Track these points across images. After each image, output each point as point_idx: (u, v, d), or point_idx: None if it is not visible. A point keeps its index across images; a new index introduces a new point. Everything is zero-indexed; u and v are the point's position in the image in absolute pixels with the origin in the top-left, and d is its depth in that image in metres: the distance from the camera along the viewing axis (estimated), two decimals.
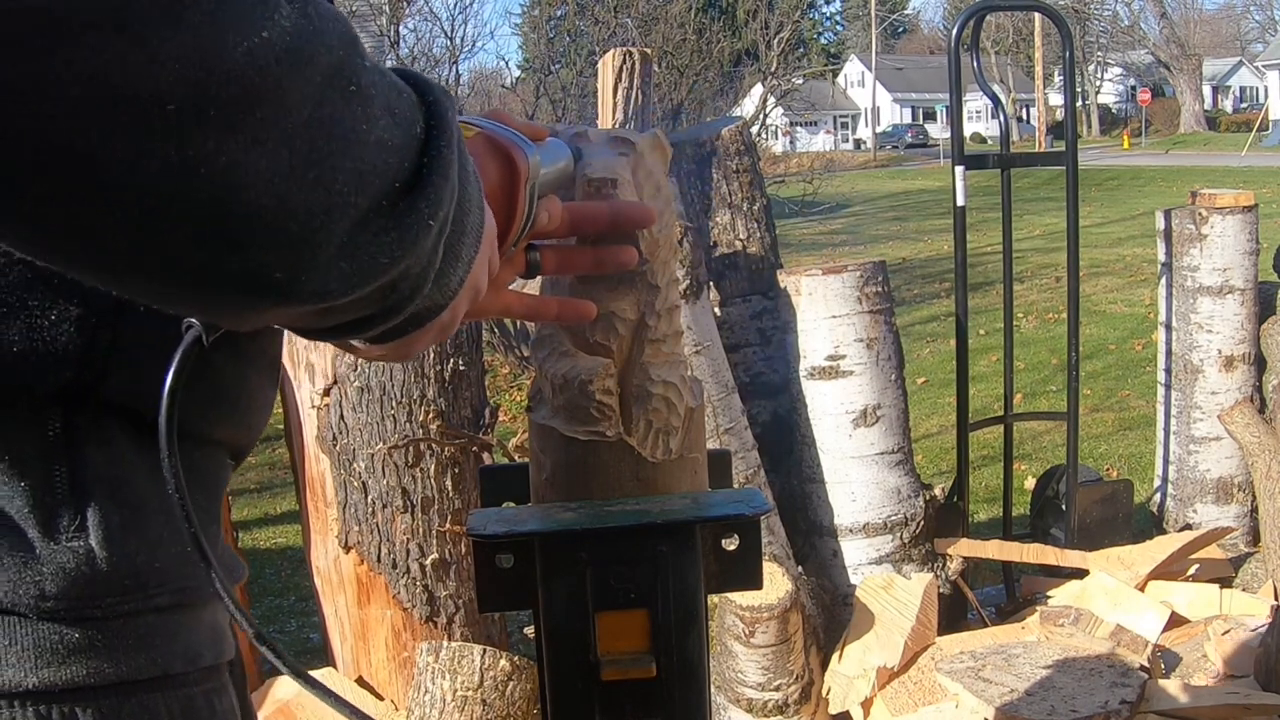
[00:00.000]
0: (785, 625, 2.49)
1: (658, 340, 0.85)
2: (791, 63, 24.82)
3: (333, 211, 0.48)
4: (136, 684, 0.64)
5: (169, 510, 0.66)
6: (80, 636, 0.62)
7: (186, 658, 0.67)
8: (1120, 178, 22.78)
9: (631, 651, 0.77)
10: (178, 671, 0.66)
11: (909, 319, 9.07)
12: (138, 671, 0.64)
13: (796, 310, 3.24)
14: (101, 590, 0.62)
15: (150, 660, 0.65)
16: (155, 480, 0.65)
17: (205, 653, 0.69)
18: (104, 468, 0.63)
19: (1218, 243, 3.62)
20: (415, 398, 2.68)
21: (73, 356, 0.61)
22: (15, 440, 0.61)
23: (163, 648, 0.66)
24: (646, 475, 0.83)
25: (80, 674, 0.62)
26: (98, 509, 0.62)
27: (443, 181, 0.53)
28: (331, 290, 0.51)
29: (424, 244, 0.53)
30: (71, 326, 0.61)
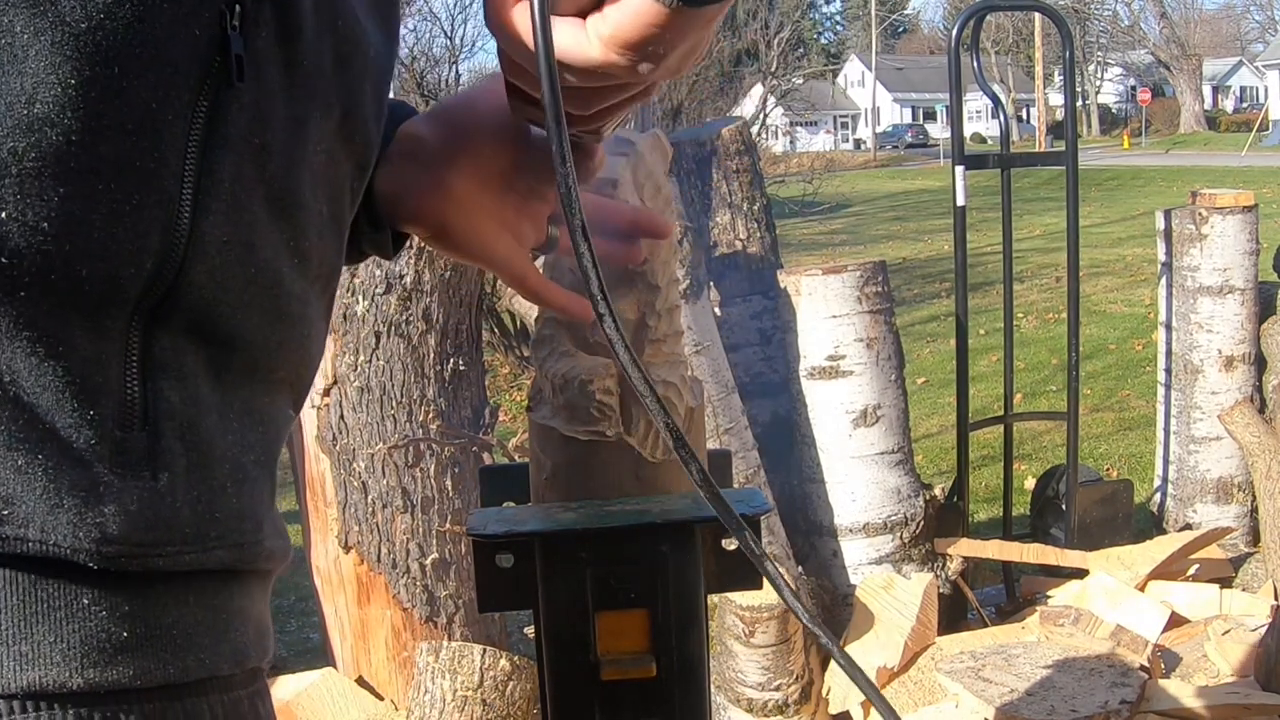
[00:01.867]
0: (785, 625, 2.49)
1: (658, 340, 0.85)
2: (791, 63, 24.83)
3: None
4: (184, 686, 0.61)
5: (234, 459, 0.63)
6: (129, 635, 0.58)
7: (234, 659, 0.64)
8: (1120, 178, 22.79)
9: (631, 651, 0.77)
10: (225, 674, 0.64)
11: (909, 319, 9.07)
12: (185, 673, 0.61)
13: (796, 310, 3.24)
14: (164, 536, 0.59)
15: (198, 661, 0.62)
16: (225, 424, 0.63)
17: (252, 653, 0.66)
18: (179, 404, 0.60)
19: (1218, 243, 3.62)
20: (415, 398, 2.68)
21: (152, 246, 0.57)
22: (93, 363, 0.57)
23: (211, 648, 0.63)
24: (646, 475, 0.83)
25: (128, 674, 0.58)
26: (167, 449, 0.59)
27: None
28: None
29: None
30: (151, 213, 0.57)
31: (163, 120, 0.57)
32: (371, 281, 2.69)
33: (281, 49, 0.62)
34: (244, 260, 0.61)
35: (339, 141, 0.69)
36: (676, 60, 0.60)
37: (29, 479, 0.55)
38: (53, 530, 0.55)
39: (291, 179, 0.64)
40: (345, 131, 0.70)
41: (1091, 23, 43.07)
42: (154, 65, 0.56)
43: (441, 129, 0.82)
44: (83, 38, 0.53)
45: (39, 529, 0.55)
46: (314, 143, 0.66)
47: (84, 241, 0.55)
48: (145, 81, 0.55)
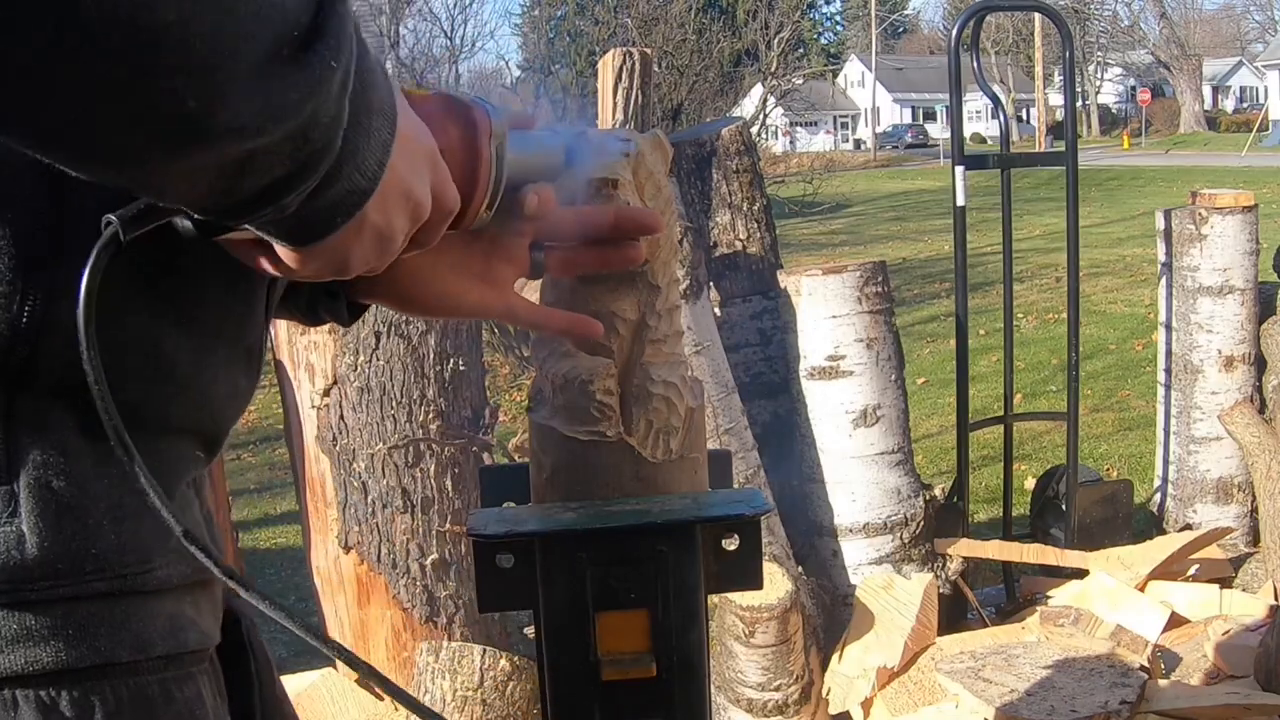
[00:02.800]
0: (785, 625, 2.49)
1: (658, 340, 0.85)
2: (791, 63, 24.84)
3: (238, 39, 0.50)
4: (78, 672, 0.65)
5: (113, 499, 0.67)
6: (18, 626, 0.63)
7: (135, 646, 0.67)
8: (1120, 178, 22.79)
9: (631, 651, 0.77)
10: (125, 660, 0.67)
11: (909, 319, 9.07)
12: (79, 660, 0.65)
13: (796, 310, 3.24)
14: (34, 574, 0.64)
15: (92, 649, 0.66)
16: (101, 469, 0.66)
17: (159, 642, 0.69)
18: (41, 454, 0.64)
19: (1218, 243, 3.62)
20: (415, 398, 2.68)
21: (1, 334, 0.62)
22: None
23: (106, 636, 0.66)
24: (647, 475, 0.83)
25: (19, 663, 0.63)
26: (31, 495, 0.64)
27: (341, 31, 0.54)
28: (246, 125, 0.51)
29: (329, 86, 0.54)
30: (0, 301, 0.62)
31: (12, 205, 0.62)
32: None
33: None
34: (113, 335, 0.64)
35: None
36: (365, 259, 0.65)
37: None
38: None
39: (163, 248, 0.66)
40: None
41: (1091, 23, 43.07)
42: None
43: None
44: None
45: None
46: None
47: None
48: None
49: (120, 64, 0.47)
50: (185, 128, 0.50)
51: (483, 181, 0.71)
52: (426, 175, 0.65)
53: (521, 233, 0.79)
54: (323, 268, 0.64)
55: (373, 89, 0.58)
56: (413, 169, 0.64)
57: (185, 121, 0.50)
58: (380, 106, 0.59)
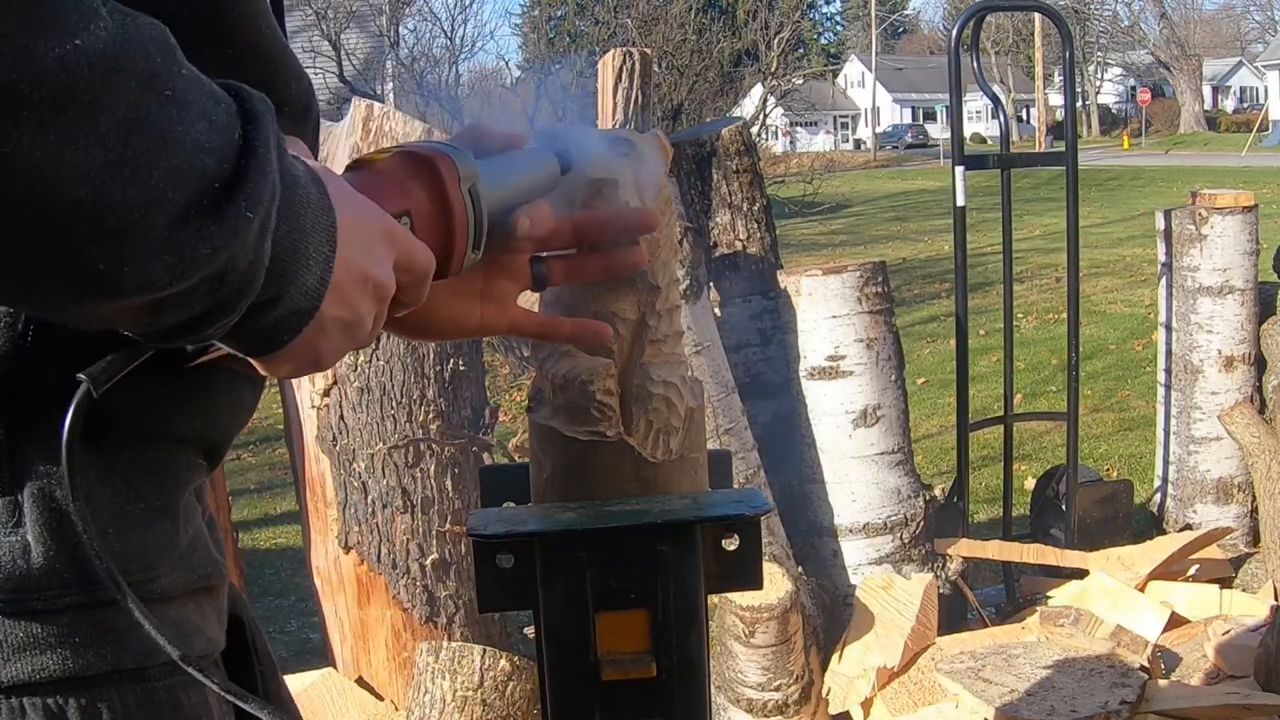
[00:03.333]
0: (785, 625, 2.49)
1: (658, 340, 0.85)
2: (791, 63, 24.84)
3: (150, 206, 0.51)
4: (86, 679, 0.65)
5: (116, 508, 0.67)
6: (24, 635, 0.63)
7: (141, 653, 0.67)
8: (1120, 178, 22.78)
9: (631, 651, 0.77)
10: (131, 667, 0.67)
11: (909, 319, 9.06)
12: (86, 667, 0.65)
13: (796, 310, 3.24)
14: (39, 584, 0.64)
15: (99, 656, 0.66)
16: (105, 478, 0.67)
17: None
18: (45, 465, 0.65)
19: (1218, 243, 3.62)
20: (415, 398, 2.68)
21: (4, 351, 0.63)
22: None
23: (113, 644, 0.66)
24: (647, 475, 0.83)
25: (25, 670, 0.63)
26: (35, 505, 0.64)
27: (260, 179, 0.55)
28: (155, 281, 0.53)
29: (245, 236, 0.55)
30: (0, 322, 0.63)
31: None
32: None
33: None
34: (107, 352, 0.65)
35: None
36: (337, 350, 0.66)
37: None
38: None
39: None
40: None
41: (1091, 23, 43.06)
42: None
43: None
44: None
45: None
46: None
47: None
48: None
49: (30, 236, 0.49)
50: (96, 285, 0.52)
51: (459, 230, 0.70)
52: (383, 253, 0.65)
53: (520, 249, 0.78)
54: (296, 368, 0.65)
55: (304, 214, 0.59)
56: (367, 254, 0.64)
57: (96, 280, 0.52)
58: (314, 226, 0.60)
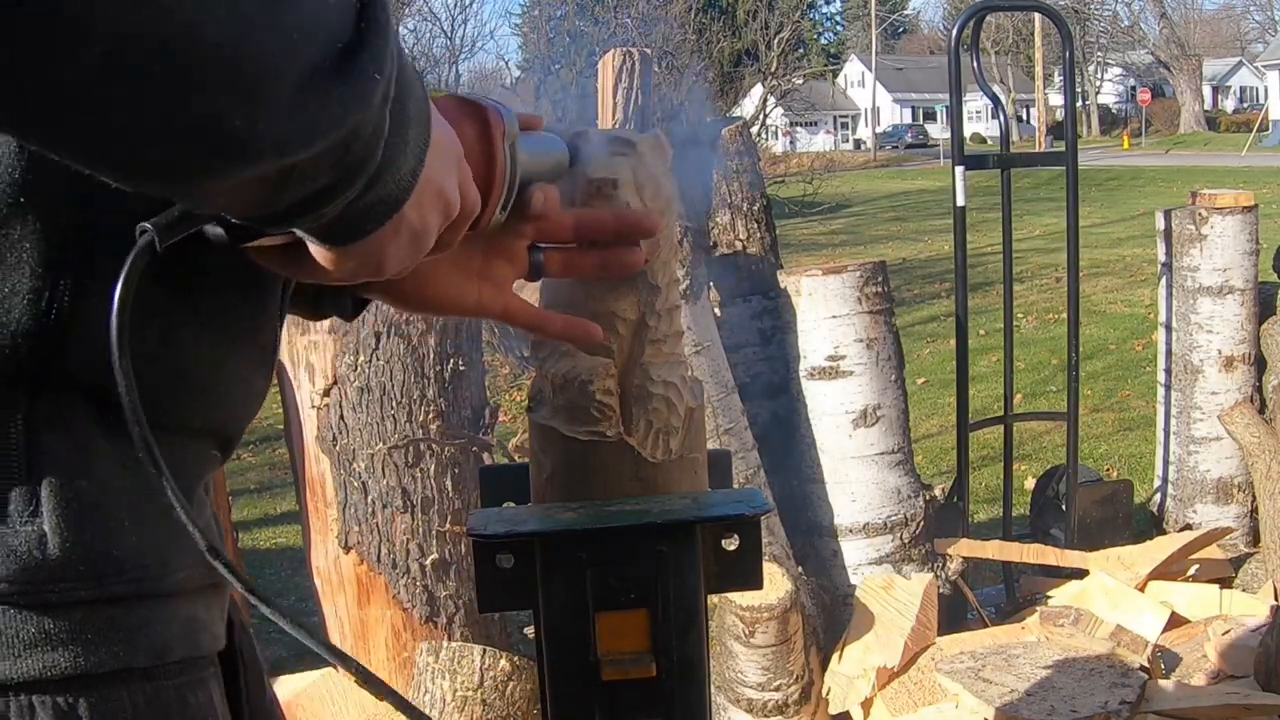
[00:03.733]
0: (785, 625, 2.49)
1: (658, 340, 0.85)
2: (791, 63, 24.84)
3: (285, 55, 0.49)
4: (96, 677, 0.64)
5: (134, 501, 0.66)
6: (35, 631, 0.62)
7: (152, 652, 0.67)
8: (1120, 178, 22.78)
9: (631, 651, 0.77)
10: (142, 665, 0.66)
11: (909, 319, 9.06)
12: (97, 665, 0.64)
13: (796, 310, 3.24)
14: (54, 575, 0.63)
15: (111, 654, 0.65)
16: (122, 468, 0.66)
17: (175, 646, 0.69)
18: (64, 454, 0.64)
19: (1218, 243, 3.62)
20: (415, 398, 2.68)
21: (25, 332, 0.62)
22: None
23: (124, 642, 0.66)
24: (646, 475, 0.83)
25: (36, 668, 0.62)
26: (53, 494, 0.63)
27: (383, 43, 0.54)
28: (289, 141, 0.51)
29: (373, 98, 0.54)
30: (24, 300, 0.61)
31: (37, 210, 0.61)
32: None
33: None
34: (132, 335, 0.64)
35: None
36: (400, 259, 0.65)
37: None
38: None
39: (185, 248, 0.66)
40: None
41: (1091, 23, 43.07)
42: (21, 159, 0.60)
43: None
44: None
45: None
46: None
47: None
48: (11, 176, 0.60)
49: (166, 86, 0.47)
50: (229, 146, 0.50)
51: (498, 182, 0.71)
52: (455, 176, 0.66)
53: (522, 234, 0.79)
54: (359, 268, 0.63)
55: (410, 98, 0.59)
56: (445, 169, 0.64)
57: (229, 139, 0.49)
58: (417, 115, 0.60)
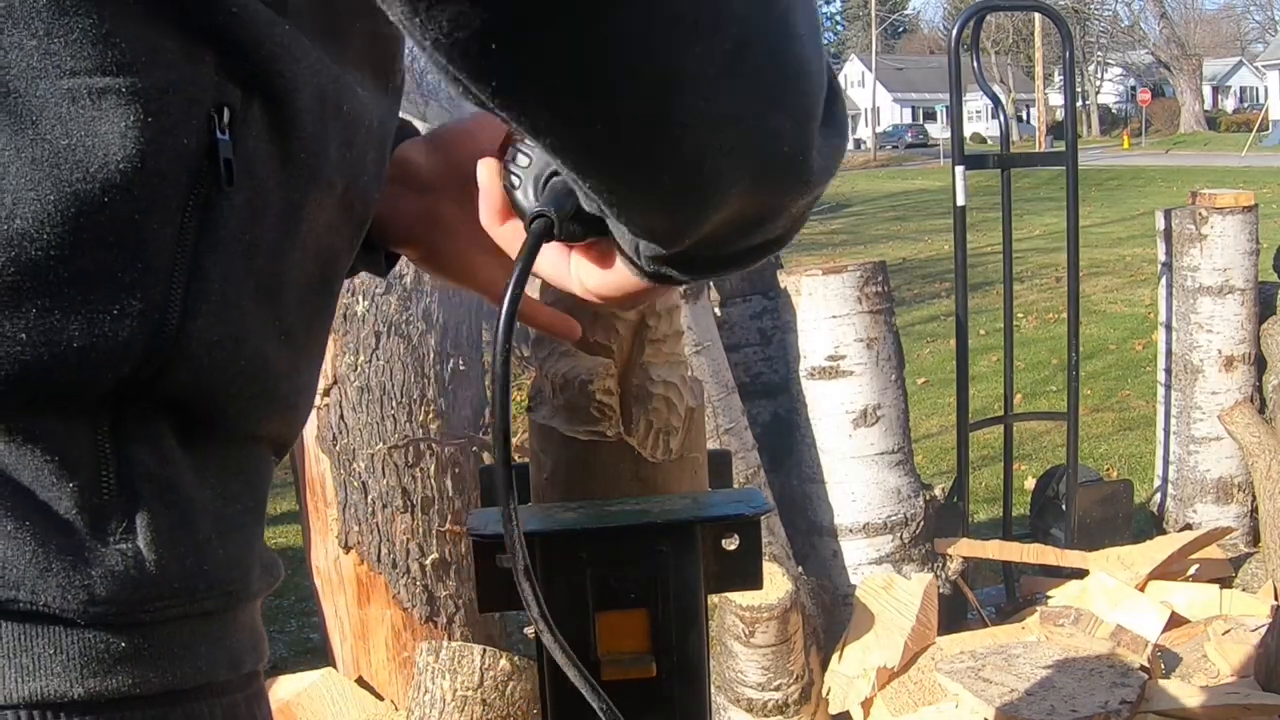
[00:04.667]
0: (785, 625, 2.49)
1: (658, 340, 0.85)
2: None
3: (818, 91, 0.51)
4: (182, 693, 0.63)
5: (216, 512, 0.65)
6: (126, 645, 0.60)
7: (231, 664, 0.66)
8: (1120, 178, 22.78)
9: (631, 651, 0.77)
10: (223, 679, 0.65)
11: (909, 319, 9.07)
12: (184, 680, 0.63)
13: (796, 310, 3.24)
14: (150, 594, 0.61)
15: (196, 669, 0.63)
16: (202, 480, 0.64)
17: (247, 658, 0.68)
18: (153, 467, 0.61)
19: (1218, 243, 3.62)
20: (415, 398, 2.68)
21: (134, 353, 0.59)
22: (65, 440, 0.59)
23: (207, 655, 0.64)
24: (646, 475, 0.83)
25: (126, 683, 0.60)
26: (146, 510, 0.61)
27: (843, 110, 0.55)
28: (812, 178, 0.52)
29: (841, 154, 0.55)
30: (134, 322, 0.58)
31: (148, 229, 0.58)
32: (371, 281, 2.69)
33: (276, 145, 0.62)
34: (233, 355, 0.63)
35: (339, 212, 0.70)
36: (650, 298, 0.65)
37: (19, 544, 0.57)
38: (42, 592, 0.57)
39: (280, 264, 0.65)
40: (345, 202, 0.70)
41: (1091, 23, 43.09)
42: (139, 178, 0.56)
43: (438, 158, 0.82)
44: (62, 154, 0.54)
45: (29, 591, 0.57)
46: (309, 221, 0.67)
47: (61, 351, 0.57)
48: (129, 195, 0.56)
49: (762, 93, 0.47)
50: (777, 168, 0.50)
51: None
52: None
53: None
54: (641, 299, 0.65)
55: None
56: None
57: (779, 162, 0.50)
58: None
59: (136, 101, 0.55)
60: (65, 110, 0.54)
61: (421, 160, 0.82)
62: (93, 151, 0.55)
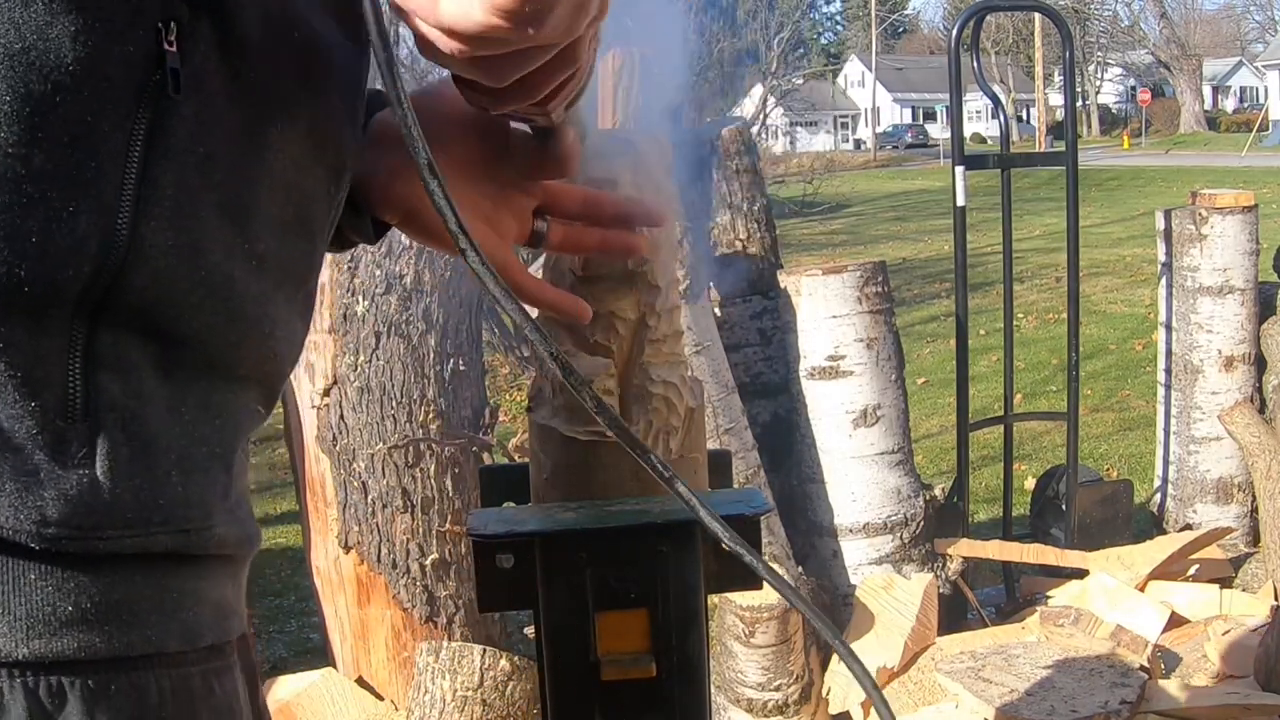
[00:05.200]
0: (785, 625, 2.49)
1: (658, 340, 0.85)
2: (791, 63, 24.82)
3: None
4: (129, 660, 0.64)
5: (182, 450, 0.65)
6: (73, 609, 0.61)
7: (184, 636, 0.66)
8: (1120, 178, 22.78)
9: (631, 651, 0.77)
10: (174, 650, 0.66)
11: (909, 319, 9.07)
12: (130, 648, 0.63)
13: (797, 310, 3.24)
14: (104, 520, 0.62)
15: (144, 637, 0.64)
16: (174, 417, 0.65)
17: (206, 632, 0.68)
18: (119, 397, 0.63)
19: (1218, 243, 3.62)
20: (415, 398, 2.68)
21: (90, 252, 0.60)
22: (35, 358, 0.60)
23: (158, 625, 0.65)
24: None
25: (71, 646, 0.61)
26: (107, 438, 0.62)
27: None
28: None
29: None
30: (88, 219, 0.60)
31: (100, 132, 0.60)
32: (371, 281, 2.69)
33: (225, 62, 0.65)
34: (191, 264, 0.64)
35: (307, 150, 0.71)
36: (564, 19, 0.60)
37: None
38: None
39: (244, 186, 0.67)
40: (314, 140, 0.72)
41: (1091, 23, 43.08)
42: (89, 81, 0.59)
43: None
44: (16, 57, 0.57)
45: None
46: (274, 150, 0.68)
47: (21, 245, 0.59)
48: (80, 97, 0.59)
49: None
50: None
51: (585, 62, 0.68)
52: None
53: (532, 193, 0.80)
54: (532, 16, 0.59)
55: None
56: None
57: None
58: None
59: (84, 8, 0.58)
60: (19, 14, 0.56)
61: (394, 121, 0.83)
62: (45, 54, 0.57)
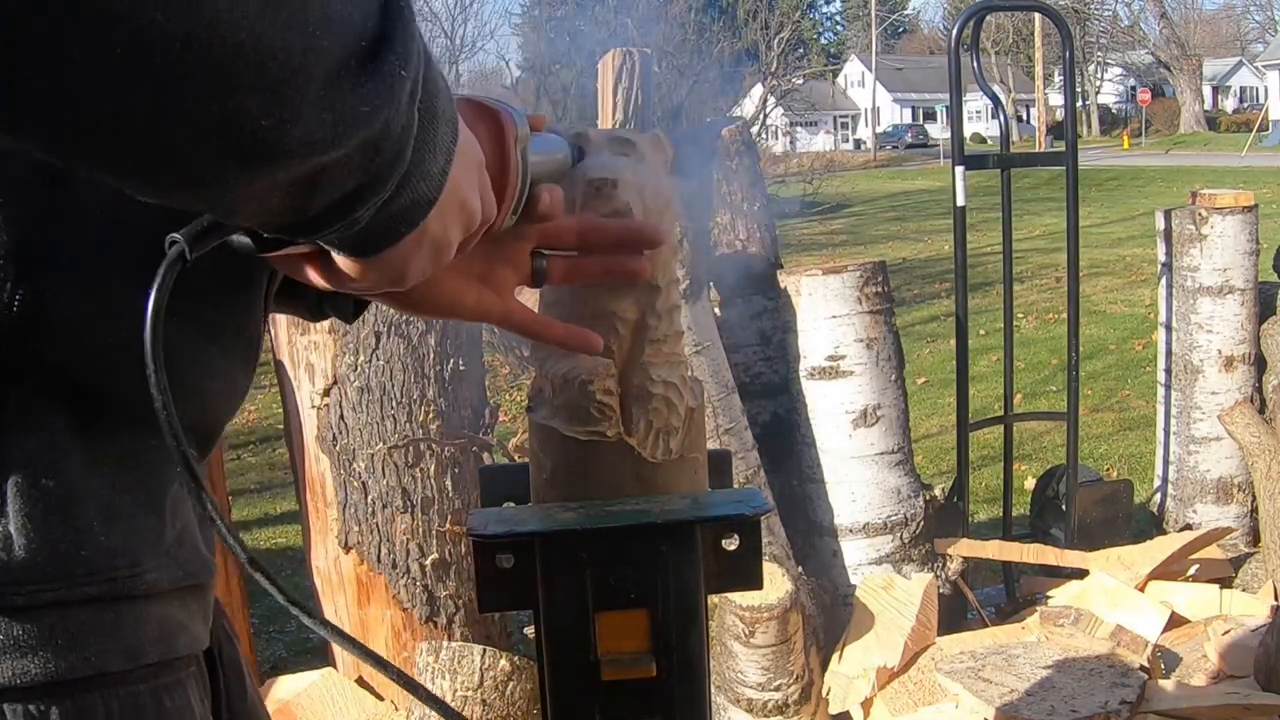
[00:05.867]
0: (785, 625, 2.49)
1: (658, 340, 0.85)
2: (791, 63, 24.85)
3: (309, 54, 0.49)
4: (69, 683, 0.64)
5: (104, 500, 0.66)
6: (4, 636, 0.62)
7: (126, 655, 0.66)
8: (1120, 178, 22.78)
9: (631, 651, 0.77)
10: (115, 669, 0.66)
11: (909, 319, 9.07)
12: (69, 670, 0.64)
13: (796, 310, 3.24)
14: (20, 577, 0.62)
15: (82, 659, 0.64)
16: (92, 468, 0.65)
17: (150, 649, 0.68)
18: (34, 451, 0.63)
19: (1218, 243, 3.62)
20: (415, 398, 2.68)
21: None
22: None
23: (96, 645, 0.65)
24: (646, 475, 0.83)
25: (6, 674, 0.62)
26: (20, 494, 0.62)
27: (409, 39, 0.54)
28: (317, 140, 0.50)
29: (400, 96, 0.53)
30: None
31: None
32: None
33: None
34: (104, 329, 0.64)
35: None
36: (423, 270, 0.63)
37: None
38: None
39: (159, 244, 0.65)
40: None
41: (1091, 23, 43.07)
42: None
43: None
44: None
45: None
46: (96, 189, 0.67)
47: None
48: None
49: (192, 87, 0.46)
50: (258, 146, 0.49)
51: (511, 187, 0.70)
52: (477, 183, 0.64)
53: (526, 237, 0.78)
54: (381, 278, 0.62)
55: (437, 96, 0.58)
56: (467, 178, 0.63)
57: (258, 139, 0.49)
58: (445, 113, 0.59)
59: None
60: None
61: None
62: None
